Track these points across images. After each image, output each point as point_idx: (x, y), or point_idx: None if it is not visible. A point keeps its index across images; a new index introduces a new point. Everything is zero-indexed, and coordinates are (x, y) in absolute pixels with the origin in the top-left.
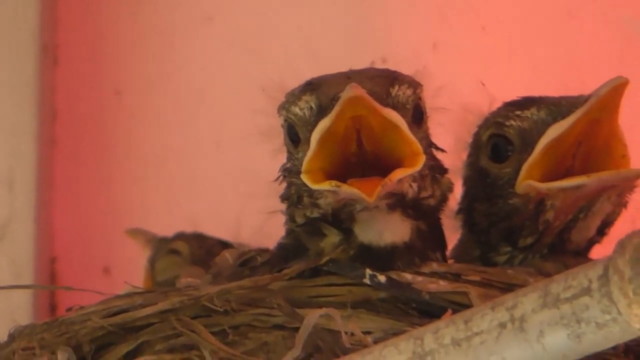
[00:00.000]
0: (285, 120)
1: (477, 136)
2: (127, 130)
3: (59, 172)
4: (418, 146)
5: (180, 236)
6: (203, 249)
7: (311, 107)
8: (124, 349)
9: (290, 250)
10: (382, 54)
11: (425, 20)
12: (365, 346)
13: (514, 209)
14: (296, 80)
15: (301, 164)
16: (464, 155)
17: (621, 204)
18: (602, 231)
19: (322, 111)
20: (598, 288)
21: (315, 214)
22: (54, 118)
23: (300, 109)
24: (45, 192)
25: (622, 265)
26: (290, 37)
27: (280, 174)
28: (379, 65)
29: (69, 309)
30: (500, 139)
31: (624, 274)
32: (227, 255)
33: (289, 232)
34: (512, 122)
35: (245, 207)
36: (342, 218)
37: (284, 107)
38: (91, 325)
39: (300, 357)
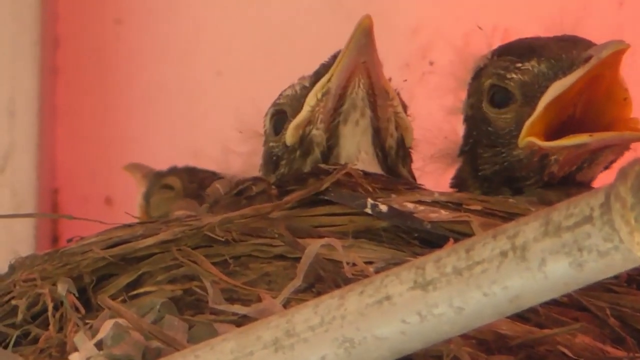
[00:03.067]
0: (274, 110)
1: (478, 80)
2: (129, 60)
3: (60, 101)
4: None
5: (173, 171)
6: (195, 183)
7: (304, 86)
8: (125, 279)
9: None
10: None
11: None
12: (367, 276)
13: (519, 160)
14: (299, 8)
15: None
16: (463, 95)
17: (625, 150)
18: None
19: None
20: (600, 216)
21: (310, 167)
22: (56, 46)
23: (292, 89)
24: (47, 122)
25: (624, 193)
26: None
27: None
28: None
29: (69, 240)
30: (501, 89)
31: (626, 202)
32: (218, 186)
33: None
34: (514, 75)
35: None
36: (331, 146)
37: (276, 101)
38: (92, 256)
39: (302, 287)
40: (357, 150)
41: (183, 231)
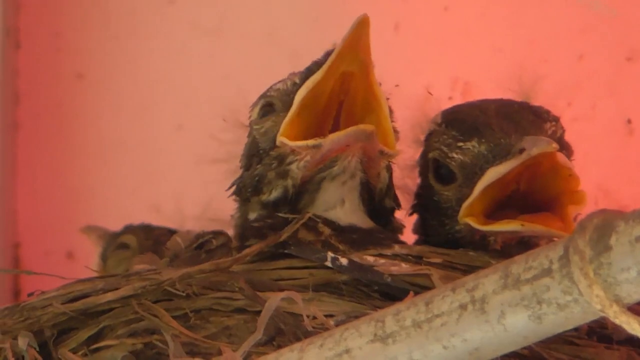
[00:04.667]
0: (264, 101)
1: (426, 145)
2: (90, 114)
3: (21, 156)
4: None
5: (128, 229)
6: (150, 240)
7: (295, 82)
8: (85, 333)
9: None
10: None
11: (387, 0)
12: (327, 329)
13: (462, 236)
14: (258, 63)
15: (271, 139)
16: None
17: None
18: None
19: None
20: (559, 269)
21: (279, 192)
22: (17, 102)
23: (283, 83)
24: (8, 177)
25: (582, 246)
26: (252, 20)
27: (236, 189)
28: None
29: (30, 294)
30: (444, 166)
31: (585, 255)
32: (178, 239)
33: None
34: (454, 155)
35: (206, 192)
36: (308, 189)
37: (266, 93)
38: (53, 310)
39: (262, 340)
40: (339, 200)
41: (143, 286)
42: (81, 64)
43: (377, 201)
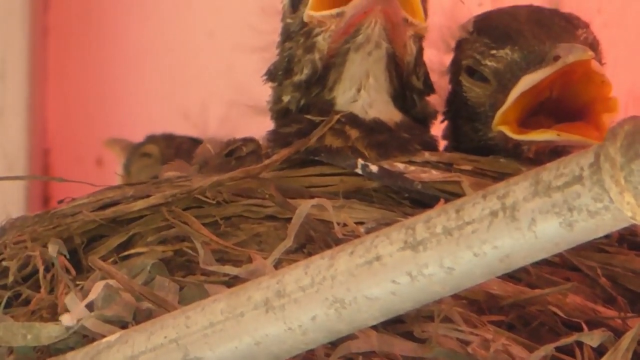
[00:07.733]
0: None
1: (457, 53)
2: (120, 20)
3: (51, 62)
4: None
5: (150, 139)
6: (172, 149)
7: None
8: (115, 241)
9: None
10: None
11: None
12: (358, 236)
13: (495, 143)
14: None
15: (300, 22)
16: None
17: None
18: None
19: None
20: (589, 176)
21: (308, 68)
22: (47, 7)
23: None
24: (38, 83)
25: (613, 153)
26: None
27: (267, 72)
28: None
29: (60, 201)
30: (478, 73)
31: (616, 162)
32: (208, 146)
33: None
34: (488, 62)
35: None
36: (334, 63)
37: None
38: (82, 218)
39: (293, 248)
40: (364, 75)
41: (174, 194)
42: None
43: (405, 77)
